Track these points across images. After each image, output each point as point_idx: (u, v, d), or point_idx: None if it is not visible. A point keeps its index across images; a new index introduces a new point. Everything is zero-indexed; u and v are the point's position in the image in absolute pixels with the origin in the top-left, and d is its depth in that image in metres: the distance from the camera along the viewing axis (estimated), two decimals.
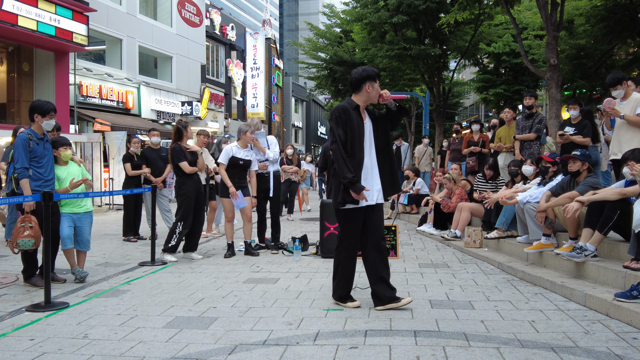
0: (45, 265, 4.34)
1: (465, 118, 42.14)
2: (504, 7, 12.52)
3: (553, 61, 10.59)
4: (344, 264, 4.09)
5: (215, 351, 3.18)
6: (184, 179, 6.36)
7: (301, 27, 75.29)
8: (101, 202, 13.75)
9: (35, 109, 4.88)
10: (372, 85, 4.02)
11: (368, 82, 4.01)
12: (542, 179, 5.95)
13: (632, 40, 16.51)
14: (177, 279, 5.30)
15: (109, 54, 18.64)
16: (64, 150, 5.20)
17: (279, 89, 41.13)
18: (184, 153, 6.36)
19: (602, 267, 4.40)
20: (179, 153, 6.33)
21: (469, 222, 7.34)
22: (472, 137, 9.22)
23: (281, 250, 6.93)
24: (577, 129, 6.96)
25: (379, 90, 4.06)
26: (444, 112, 19.72)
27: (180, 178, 6.40)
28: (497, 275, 5.33)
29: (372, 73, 4.05)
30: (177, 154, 6.33)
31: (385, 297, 4.01)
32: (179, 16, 21.86)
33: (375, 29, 18.65)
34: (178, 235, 6.23)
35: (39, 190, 4.61)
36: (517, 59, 21.40)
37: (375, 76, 4.05)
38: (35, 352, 3.22)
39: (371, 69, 4.13)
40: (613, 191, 4.49)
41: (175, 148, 6.36)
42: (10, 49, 14.49)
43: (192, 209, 6.33)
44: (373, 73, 4.06)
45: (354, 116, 3.95)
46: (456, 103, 37.67)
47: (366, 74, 4.02)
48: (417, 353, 3.08)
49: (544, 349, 3.13)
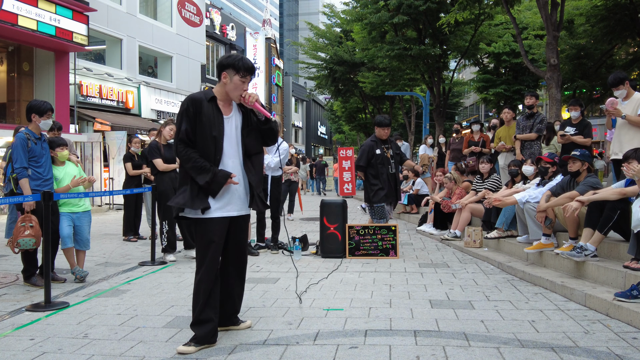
0: (45, 264, 4.34)
1: (465, 118, 42.17)
2: (504, 7, 12.53)
3: (553, 61, 10.59)
4: (205, 290, 3.20)
5: (215, 351, 3.18)
6: (160, 177, 6.32)
7: (301, 27, 75.26)
8: (101, 202, 13.76)
9: (32, 108, 4.88)
10: (230, 77, 3.20)
11: (225, 70, 3.21)
12: (542, 179, 5.95)
13: (632, 40, 16.52)
14: (177, 279, 5.29)
15: (109, 53, 18.64)
16: (61, 150, 5.21)
17: (279, 88, 41.12)
18: (159, 150, 6.32)
19: (602, 267, 4.40)
20: (153, 149, 6.30)
21: (469, 222, 7.34)
22: (472, 137, 9.22)
23: (281, 250, 6.94)
24: (577, 129, 6.97)
25: (242, 87, 3.22)
26: (444, 112, 19.73)
27: (156, 176, 6.36)
28: (497, 275, 5.33)
29: (236, 62, 3.19)
30: (151, 151, 6.29)
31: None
32: (179, 16, 21.85)
33: (375, 29, 18.67)
34: (167, 234, 6.22)
35: (39, 190, 4.62)
36: (517, 59, 21.42)
37: (238, 67, 3.19)
38: (35, 352, 3.22)
39: (240, 57, 3.26)
40: (613, 191, 4.49)
41: (151, 144, 6.35)
42: (10, 48, 14.50)
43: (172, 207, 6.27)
44: (237, 62, 3.19)
45: (208, 109, 3.19)
46: (456, 103, 37.69)
47: (227, 61, 3.22)
48: (417, 353, 3.08)
49: (544, 349, 3.12)
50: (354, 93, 28.29)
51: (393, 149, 6.75)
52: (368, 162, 6.67)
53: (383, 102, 28.07)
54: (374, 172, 6.63)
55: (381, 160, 6.60)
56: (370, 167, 6.65)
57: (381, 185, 6.59)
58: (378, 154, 6.62)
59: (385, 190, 6.58)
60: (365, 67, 24.21)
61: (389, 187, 6.60)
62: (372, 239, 6.37)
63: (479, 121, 9.64)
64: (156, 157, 6.26)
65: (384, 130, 6.69)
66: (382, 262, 6.11)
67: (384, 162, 6.60)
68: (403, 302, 4.23)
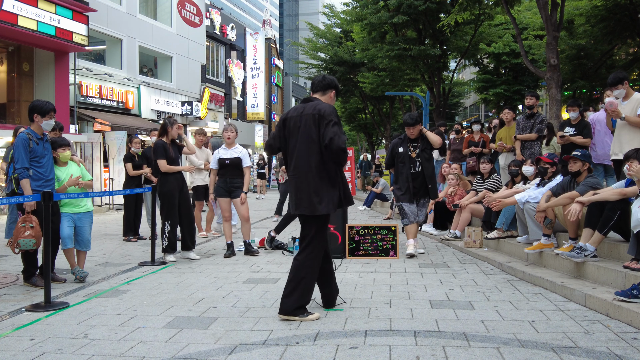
0: (45, 265, 4.34)
1: (465, 118, 42.16)
2: (504, 7, 12.53)
3: (553, 61, 10.59)
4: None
5: (215, 351, 3.18)
6: (165, 178, 6.25)
7: (301, 27, 75.29)
8: (101, 202, 13.76)
9: (34, 109, 4.88)
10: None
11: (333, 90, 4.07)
12: (541, 179, 5.95)
13: (632, 40, 16.51)
14: (177, 279, 5.30)
15: (109, 54, 18.63)
16: (63, 151, 5.20)
17: (279, 89, 41.12)
18: (166, 150, 6.23)
19: (602, 267, 4.40)
20: (159, 149, 6.19)
21: (469, 222, 7.34)
22: (472, 137, 9.21)
23: (281, 250, 6.94)
24: (577, 129, 6.97)
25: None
26: (444, 112, 19.73)
27: (161, 176, 6.29)
28: (497, 276, 5.33)
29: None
30: (157, 150, 6.19)
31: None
32: (179, 16, 21.84)
33: (375, 29, 18.67)
34: (168, 234, 6.21)
35: (40, 190, 4.61)
36: (517, 59, 21.41)
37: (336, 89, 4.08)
38: (35, 352, 3.22)
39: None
40: (613, 191, 4.49)
41: (157, 143, 6.25)
42: (10, 49, 14.48)
43: (176, 207, 6.26)
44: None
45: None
46: (456, 103, 37.70)
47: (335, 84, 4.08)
48: (417, 353, 3.08)
49: (544, 349, 3.13)
50: (353, 93, 28.28)
51: (422, 146, 6.43)
52: (392, 160, 6.60)
53: (383, 103, 28.06)
54: (395, 171, 6.59)
55: (402, 159, 6.45)
56: (395, 166, 6.58)
57: (399, 185, 6.51)
58: (400, 153, 6.48)
59: (403, 191, 6.45)
60: (365, 68, 24.20)
61: (407, 187, 6.39)
62: (372, 239, 6.37)
63: (480, 121, 9.64)
64: (161, 157, 6.16)
65: (409, 130, 6.43)
66: (382, 262, 6.10)
67: (405, 161, 6.42)
68: (403, 303, 4.23)
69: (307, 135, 3.79)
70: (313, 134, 3.77)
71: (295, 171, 3.85)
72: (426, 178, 6.40)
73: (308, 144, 3.79)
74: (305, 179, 3.79)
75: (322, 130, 3.72)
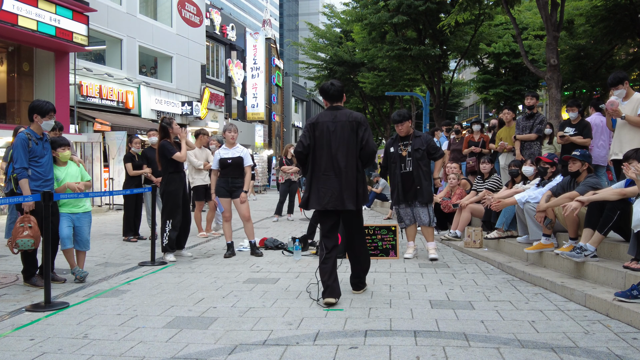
0: (45, 265, 4.34)
1: (465, 118, 42.17)
2: (504, 8, 12.52)
3: (553, 61, 10.59)
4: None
5: (215, 351, 3.18)
6: (173, 177, 6.28)
7: (301, 27, 75.29)
8: (101, 202, 13.77)
9: (34, 109, 4.87)
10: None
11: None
12: (541, 179, 5.95)
13: (632, 40, 16.52)
14: (177, 279, 5.30)
15: (109, 54, 18.63)
16: (62, 151, 5.20)
17: (279, 89, 41.10)
18: (174, 147, 6.32)
19: (602, 267, 4.40)
20: (168, 147, 6.26)
21: (469, 222, 7.34)
22: (472, 137, 9.21)
23: (281, 250, 6.93)
24: (577, 129, 6.97)
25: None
26: (444, 112, 19.74)
27: (169, 175, 6.29)
28: (497, 276, 5.33)
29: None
30: (167, 148, 6.25)
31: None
32: (179, 16, 21.84)
33: (375, 29, 18.67)
34: (169, 233, 6.21)
35: (39, 190, 4.61)
36: (517, 59, 21.41)
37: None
38: (35, 352, 3.22)
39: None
40: (613, 191, 4.49)
41: (164, 144, 6.29)
42: (10, 49, 14.49)
43: (180, 207, 6.29)
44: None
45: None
46: (456, 103, 37.70)
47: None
48: (417, 353, 3.08)
49: (544, 349, 3.12)
50: (354, 93, 28.28)
51: (415, 145, 6.07)
52: (387, 161, 6.35)
53: (383, 103, 28.08)
54: (389, 172, 6.34)
55: (393, 159, 6.20)
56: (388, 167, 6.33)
57: (391, 186, 6.35)
58: (391, 153, 6.24)
59: (395, 193, 6.21)
60: (365, 68, 24.20)
61: (397, 188, 6.15)
62: (372, 239, 6.36)
63: (480, 121, 9.64)
64: (174, 151, 6.23)
65: (398, 127, 6.13)
66: (382, 262, 6.10)
67: (396, 161, 6.15)
68: (403, 303, 4.23)
69: (345, 139, 4.27)
70: (350, 138, 4.27)
71: (337, 171, 4.28)
72: (414, 178, 6.05)
73: (347, 147, 4.27)
74: (347, 178, 4.26)
75: (361, 135, 4.27)
